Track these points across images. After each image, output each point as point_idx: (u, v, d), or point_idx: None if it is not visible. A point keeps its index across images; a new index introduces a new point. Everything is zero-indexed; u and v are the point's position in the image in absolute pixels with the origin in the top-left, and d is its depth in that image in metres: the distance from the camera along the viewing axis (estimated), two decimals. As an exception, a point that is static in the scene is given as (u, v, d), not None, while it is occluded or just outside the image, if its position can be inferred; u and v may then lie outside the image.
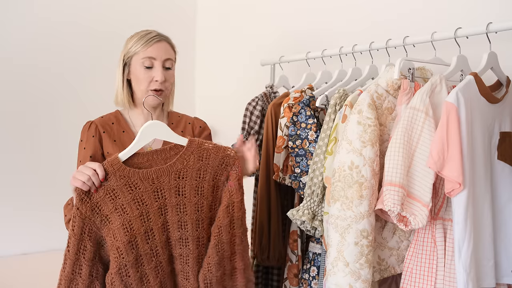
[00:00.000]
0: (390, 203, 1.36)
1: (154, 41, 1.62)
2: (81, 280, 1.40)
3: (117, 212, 1.42)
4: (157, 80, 1.61)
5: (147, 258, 1.45)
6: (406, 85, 1.53)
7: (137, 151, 1.46)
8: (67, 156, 2.48)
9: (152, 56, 1.61)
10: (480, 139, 1.44)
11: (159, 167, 1.47)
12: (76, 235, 1.39)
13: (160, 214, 1.47)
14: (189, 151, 1.49)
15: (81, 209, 1.39)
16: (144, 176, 1.45)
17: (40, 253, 2.62)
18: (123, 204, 1.42)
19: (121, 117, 1.70)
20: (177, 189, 1.48)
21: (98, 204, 1.41)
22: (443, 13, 1.93)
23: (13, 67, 2.55)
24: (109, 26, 2.83)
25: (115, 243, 1.41)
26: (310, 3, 2.50)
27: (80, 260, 1.40)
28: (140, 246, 1.43)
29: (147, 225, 1.45)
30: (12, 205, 2.55)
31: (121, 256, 1.41)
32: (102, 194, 1.41)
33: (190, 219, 1.48)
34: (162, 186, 1.47)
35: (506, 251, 1.48)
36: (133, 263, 1.42)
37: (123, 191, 1.43)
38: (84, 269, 1.40)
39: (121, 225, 1.41)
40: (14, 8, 2.56)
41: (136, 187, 1.44)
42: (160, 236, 1.46)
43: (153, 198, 1.46)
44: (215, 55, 3.16)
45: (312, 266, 1.84)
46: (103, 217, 1.42)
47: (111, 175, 1.42)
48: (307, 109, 1.80)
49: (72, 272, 1.40)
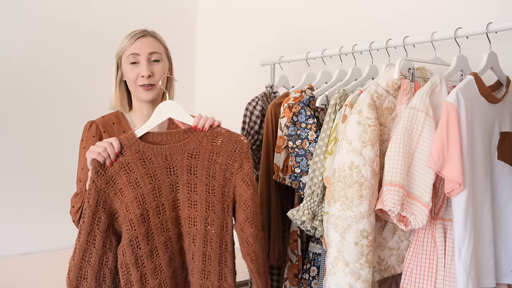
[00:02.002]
0: (390, 203, 1.36)
1: (137, 37, 1.63)
2: (94, 250, 1.45)
3: (130, 185, 1.46)
4: (143, 76, 1.61)
5: (157, 232, 1.48)
6: (406, 85, 1.53)
7: (152, 131, 1.51)
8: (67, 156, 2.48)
9: (135, 52, 1.62)
10: (480, 139, 1.44)
11: (172, 145, 1.51)
12: (91, 207, 1.43)
13: (171, 190, 1.51)
14: (202, 133, 1.52)
15: (96, 182, 1.44)
16: (158, 152, 1.49)
17: (40, 253, 2.62)
18: (137, 178, 1.47)
19: (122, 117, 1.71)
20: (189, 167, 1.51)
21: (112, 177, 1.46)
22: (443, 13, 1.93)
23: (13, 67, 2.55)
24: (109, 26, 2.83)
25: (128, 215, 1.45)
26: (310, 3, 2.50)
27: (94, 231, 1.44)
28: (151, 220, 1.47)
29: (158, 200, 1.49)
30: (12, 205, 2.55)
31: (133, 228, 1.45)
32: (117, 168, 1.46)
33: (199, 199, 1.50)
34: (175, 164, 1.50)
35: (506, 251, 1.48)
36: (144, 236, 1.46)
37: (137, 165, 1.47)
38: (98, 239, 1.45)
39: (134, 198, 1.45)
40: (14, 8, 2.56)
41: (150, 162, 1.48)
42: (170, 212, 1.50)
43: (166, 174, 1.50)
44: (215, 55, 3.16)
45: (312, 266, 1.84)
46: (117, 190, 1.46)
47: (126, 149, 1.47)
48: (307, 109, 1.80)
49: (86, 242, 1.44)
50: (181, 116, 1.55)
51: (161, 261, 1.49)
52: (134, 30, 1.66)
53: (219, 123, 1.55)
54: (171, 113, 1.54)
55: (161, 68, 1.66)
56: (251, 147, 2.11)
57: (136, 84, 1.64)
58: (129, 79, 1.64)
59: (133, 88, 1.65)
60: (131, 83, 1.64)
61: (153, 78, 1.64)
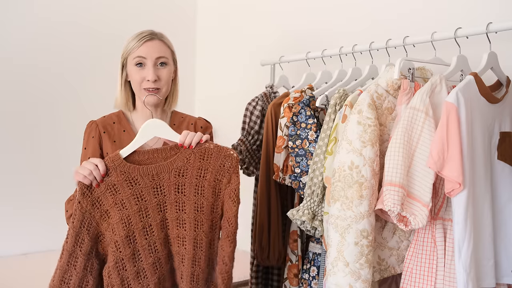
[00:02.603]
0: (390, 203, 1.36)
1: (145, 40, 1.61)
2: (75, 272, 1.43)
3: (116, 207, 1.44)
4: (149, 80, 1.60)
5: (145, 254, 1.46)
6: (406, 85, 1.53)
7: (138, 149, 1.48)
8: (67, 156, 2.48)
9: (142, 55, 1.60)
10: (480, 139, 1.44)
11: (159, 164, 1.48)
12: (75, 228, 1.42)
13: (159, 210, 1.48)
14: (189, 150, 1.49)
15: (82, 203, 1.42)
16: (144, 172, 1.47)
17: (40, 253, 2.62)
18: (123, 199, 1.45)
19: (123, 117, 1.70)
20: (177, 186, 1.48)
21: (99, 198, 1.44)
22: (443, 13, 1.93)
23: (13, 67, 2.55)
24: (109, 26, 2.83)
25: (114, 237, 1.44)
26: (310, 3, 2.50)
27: (76, 253, 1.43)
28: (138, 241, 1.46)
29: (145, 220, 1.47)
30: (12, 205, 2.55)
31: (118, 250, 1.44)
32: (103, 189, 1.44)
33: (188, 218, 1.48)
34: (162, 183, 1.48)
35: (506, 251, 1.48)
36: (130, 257, 1.45)
37: (123, 186, 1.45)
38: (79, 261, 1.43)
39: (120, 220, 1.44)
40: (14, 8, 2.56)
41: (136, 182, 1.46)
42: (159, 233, 1.48)
43: (152, 194, 1.48)
44: (215, 55, 3.16)
45: (312, 266, 1.84)
46: (103, 212, 1.44)
47: (112, 171, 1.44)
48: (307, 109, 1.80)
49: (67, 263, 1.43)
50: (166, 134, 1.51)
51: (149, 282, 1.47)
52: (141, 31, 1.64)
53: (207, 138, 1.51)
54: (156, 132, 1.50)
55: (167, 72, 1.64)
56: (251, 147, 2.11)
57: (141, 87, 1.63)
58: (134, 81, 1.63)
59: (137, 90, 1.64)
60: (136, 85, 1.63)
61: (159, 82, 1.62)
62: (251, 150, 2.11)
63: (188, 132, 1.50)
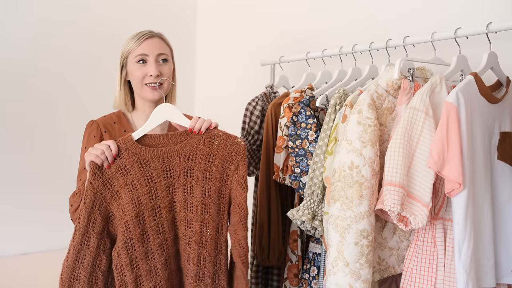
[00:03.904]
0: (390, 203, 1.36)
1: (145, 38, 1.64)
2: (88, 251, 1.46)
3: (127, 187, 1.47)
4: (151, 75, 1.62)
5: (153, 234, 1.50)
6: (406, 85, 1.53)
7: (149, 133, 1.52)
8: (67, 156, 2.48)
9: (144, 52, 1.63)
10: (480, 139, 1.44)
11: (169, 147, 1.52)
12: (87, 208, 1.45)
13: (168, 193, 1.52)
14: (199, 136, 1.53)
15: (93, 184, 1.45)
16: (155, 154, 1.50)
17: (40, 253, 2.62)
18: (133, 180, 1.48)
19: (124, 117, 1.71)
20: (186, 170, 1.52)
21: (110, 179, 1.47)
22: (443, 13, 1.93)
23: (13, 67, 2.55)
24: (109, 26, 2.83)
25: (123, 217, 1.47)
26: (310, 3, 2.50)
27: (89, 232, 1.46)
28: (147, 222, 1.49)
29: (154, 202, 1.50)
30: (12, 204, 2.55)
31: (128, 230, 1.47)
32: (114, 170, 1.47)
33: (195, 201, 1.51)
34: (172, 166, 1.52)
35: (506, 251, 1.48)
36: (139, 237, 1.48)
37: (134, 167, 1.48)
38: (92, 241, 1.46)
39: (130, 200, 1.47)
40: (14, 8, 2.56)
41: (147, 164, 1.50)
42: (166, 215, 1.51)
43: (162, 177, 1.51)
44: (215, 55, 3.16)
45: (312, 266, 1.84)
46: (113, 192, 1.47)
47: (123, 152, 1.48)
48: (307, 109, 1.80)
49: (80, 243, 1.46)
50: (178, 119, 1.56)
51: (156, 263, 1.50)
52: (140, 31, 1.67)
53: (216, 125, 1.56)
54: (167, 116, 1.55)
55: (168, 68, 1.68)
56: (251, 147, 2.11)
57: (142, 83, 1.64)
58: (136, 77, 1.64)
59: (139, 87, 1.65)
60: (137, 82, 1.65)
61: (161, 77, 1.65)
62: (251, 150, 2.11)
63: (198, 118, 1.55)
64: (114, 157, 1.46)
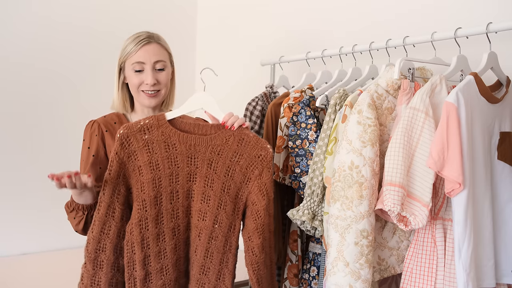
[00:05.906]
0: (390, 203, 1.36)
1: (142, 44, 1.62)
2: (114, 223, 1.47)
3: (150, 166, 1.48)
4: (148, 83, 1.62)
5: (167, 217, 1.49)
6: (406, 85, 1.53)
7: (182, 119, 1.53)
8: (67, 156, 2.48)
9: (140, 60, 1.62)
10: (480, 139, 1.44)
11: (199, 136, 1.52)
12: (112, 179, 1.46)
13: (188, 180, 1.51)
14: (230, 132, 1.53)
15: (119, 154, 1.46)
16: (183, 139, 1.51)
17: (40, 253, 2.62)
18: (157, 160, 1.48)
19: (124, 118, 1.71)
20: (210, 162, 1.51)
21: (135, 152, 1.48)
22: (443, 13, 1.93)
23: (13, 67, 2.55)
24: (108, 26, 2.83)
25: (142, 195, 1.47)
26: (310, 3, 2.50)
27: (114, 204, 1.47)
28: (163, 204, 1.49)
29: (174, 186, 1.50)
30: (12, 204, 2.55)
31: (144, 209, 1.47)
32: (141, 144, 1.48)
33: (214, 195, 1.50)
34: (197, 155, 1.51)
35: (506, 251, 1.48)
36: (154, 218, 1.48)
37: (160, 147, 1.49)
38: (117, 212, 1.47)
39: (152, 180, 1.47)
40: (14, 8, 2.56)
41: (173, 147, 1.50)
42: (183, 201, 1.51)
43: (186, 163, 1.51)
44: (215, 55, 3.16)
45: (312, 266, 1.84)
46: (135, 166, 1.48)
47: (154, 128, 1.49)
48: (307, 109, 1.80)
49: (106, 214, 1.46)
50: (212, 110, 1.56)
51: (166, 246, 1.49)
52: (138, 34, 1.64)
53: (249, 125, 1.55)
54: (203, 104, 1.56)
55: (166, 76, 1.67)
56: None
57: (139, 90, 1.64)
58: (133, 84, 1.64)
59: (135, 93, 1.65)
60: (134, 88, 1.64)
61: (158, 85, 1.64)
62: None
63: (232, 113, 1.55)
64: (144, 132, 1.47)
